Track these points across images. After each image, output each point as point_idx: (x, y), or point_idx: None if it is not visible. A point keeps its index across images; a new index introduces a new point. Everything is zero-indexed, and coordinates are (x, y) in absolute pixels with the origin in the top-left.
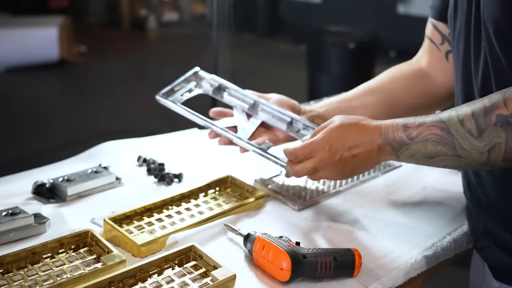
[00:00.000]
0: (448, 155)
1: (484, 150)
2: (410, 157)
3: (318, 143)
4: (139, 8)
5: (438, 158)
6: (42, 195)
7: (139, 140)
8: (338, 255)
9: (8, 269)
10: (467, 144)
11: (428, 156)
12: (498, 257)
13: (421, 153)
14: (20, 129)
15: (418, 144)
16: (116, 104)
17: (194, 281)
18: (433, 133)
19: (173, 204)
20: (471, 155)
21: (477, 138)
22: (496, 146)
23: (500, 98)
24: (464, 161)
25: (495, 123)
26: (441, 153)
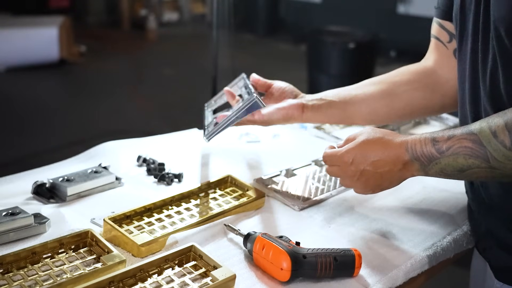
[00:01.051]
0: (481, 168)
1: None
2: (440, 172)
3: (342, 155)
4: (139, 8)
5: (470, 171)
6: (42, 195)
7: (139, 140)
8: (338, 255)
9: (8, 269)
10: (500, 155)
11: (460, 170)
12: (501, 258)
13: (452, 167)
14: (20, 129)
15: (448, 158)
16: (116, 104)
17: (194, 281)
18: (464, 145)
19: (173, 204)
20: (505, 166)
21: (510, 150)
22: None
23: None
24: (498, 172)
25: None
26: (474, 166)
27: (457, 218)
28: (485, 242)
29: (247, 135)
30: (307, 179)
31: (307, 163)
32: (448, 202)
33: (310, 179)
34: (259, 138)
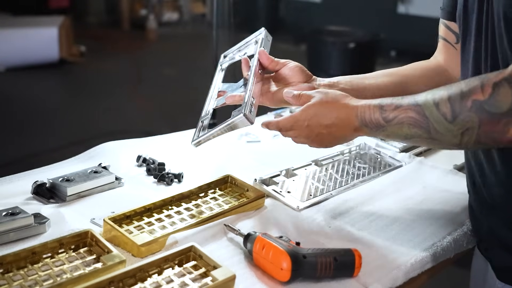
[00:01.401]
0: (422, 137)
1: (458, 133)
2: (386, 137)
3: (297, 119)
4: (139, 8)
5: (413, 139)
6: (42, 195)
7: (139, 140)
8: (338, 255)
9: (8, 269)
10: (441, 127)
11: (403, 137)
12: (502, 258)
13: (397, 134)
14: (20, 129)
15: (394, 126)
16: (116, 104)
17: (194, 281)
18: (409, 116)
19: (173, 204)
20: (444, 137)
21: (451, 122)
22: (468, 130)
23: (478, 84)
24: (437, 142)
25: (470, 108)
26: (416, 135)
27: (457, 218)
28: (487, 242)
29: (247, 135)
30: (307, 179)
31: (307, 163)
32: (449, 202)
33: (310, 179)
34: (259, 138)
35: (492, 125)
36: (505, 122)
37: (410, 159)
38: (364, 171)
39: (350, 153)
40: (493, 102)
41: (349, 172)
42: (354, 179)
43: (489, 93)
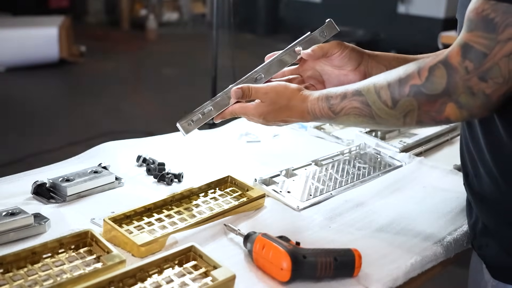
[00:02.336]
0: (369, 123)
1: (400, 116)
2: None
3: (252, 113)
4: (139, 8)
5: (361, 125)
6: (42, 195)
7: (139, 140)
8: (338, 255)
9: (8, 269)
10: (383, 113)
11: (353, 124)
12: (495, 255)
13: (346, 123)
14: (20, 129)
15: (342, 117)
16: (116, 104)
17: (194, 281)
18: (354, 106)
19: (173, 204)
20: (388, 121)
21: (392, 108)
22: (409, 112)
23: (415, 69)
24: (383, 125)
25: (408, 93)
26: (363, 122)
27: (457, 218)
28: (481, 239)
29: (247, 135)
30: (307, 179)
31: (307, 163)
32: (448, 202)
33: (310, 179)
34: (259, 138)
35: (430, 106)
36: (442, 102)
37: (410, 159)
38: (364, 171)
39: (350, 153)
40: (429, 85)
41: (349, 172)
42: (354, 179)
43: (425, 76)
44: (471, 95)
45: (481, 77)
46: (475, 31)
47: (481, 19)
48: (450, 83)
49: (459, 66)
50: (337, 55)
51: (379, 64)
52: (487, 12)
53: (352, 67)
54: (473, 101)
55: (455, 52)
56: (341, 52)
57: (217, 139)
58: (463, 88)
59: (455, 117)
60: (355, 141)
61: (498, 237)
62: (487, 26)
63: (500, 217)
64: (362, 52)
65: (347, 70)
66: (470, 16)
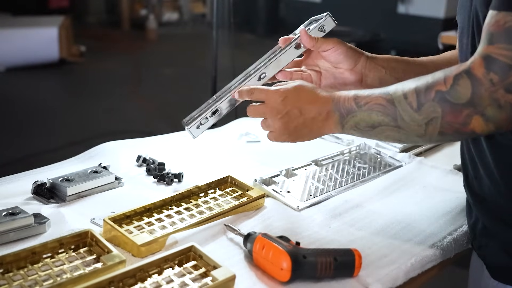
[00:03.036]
0: (389, 126)
1: (422, 123)
2: (354, 127)
3: (274, 92)
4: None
5: (380, 128)
6: (42, 195)
7: (139, 140)
8: (338, 255)
9: (8, 269)
10: (407, 116)
11: (371, 126)
12: (495, 255)
13: (366, 122)
14: (20, 129)
15: (364, 112)
16: (116, 104)
17: (194, 281)
18: (379, 103)
19: (173, 204)
20: (410, 127)
21: (416, 111)
22: (433, 120)
23: (442, 76)
24: (403, 132)
25: (433, 98)
26: (383, 123)
27: (457, 218)
28: (480, 239)
29: (247, 135)
30: (307, 179)
31: (307, 163)
32: (449, 202)
33: (310, 179)
34: (259, 138)
35: (454, 116)
36: (467, 114)
37: (410, 159)
38: (364, 171)
39: (350, 153)
40: (454, 93)
41: (349, 172)
42: (354, 179)
43: (451, 84)
44: (497, 108)
45: (507, 89)
46: (497, 43)
47: (504, 31)
48: (475, 94)
49: (483, 78)
50: (331, 51)
51: (377, 66)
52: (510, 24)
53: (348, 66)
54: (499, 113)
55: (477, 64)
56: (335, 49)
57: (217, 139)
58: (489, 100)
59: (481, 130)
60: (355, 141)
61: (497, 238)
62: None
63: (500, 218)
64: (360, 53)
65: (343, 68)
66: (490, 29)
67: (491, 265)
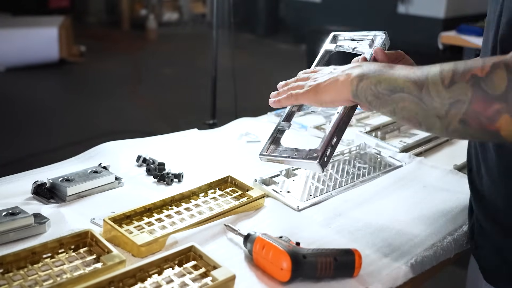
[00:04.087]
0: (411, 94)
1: (447, 102)
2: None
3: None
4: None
5: (399, 95)
6: (42, 195)
7: (139, 140)
8: (338, 255)
9: (8, 269)
10: (434, 89)
11: (392, 90)
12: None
13: (388, 83)
14: (20, 129)
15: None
16: (116, 104)
17: (194, 281)
18: (410, 69)
19: (173, 204)
20: (432, 102)
21: (445, 88)
22: (459, 102)
23: (480, 62)
24: (423, 107)
25: (467, 80)
26: (406, 90)
27: (457, 218)
28: (476, 240)
29: (247, 135)
30: (307, 179)
31: None
32: (448, 202)
33: (310, 179)
34: (259, 138)
35: (483, 106)
36: (497, 109)
37: (410, 159)
38: (364, 171)
39: (350, 153)
40: (488, 81)
41: (349, 172)
42: (354, 179)
43: (487, 72)
44: None
45: None
46: None
47: None
48: (510, 89)
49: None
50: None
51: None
52: None
53: None
54: None
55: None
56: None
57: (217, 139)
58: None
59: (507, 132)
60: (355, 141)
61: (491, 239)
62: None
63: (494, 219)
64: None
65: None
66: None
67: (483, 266)
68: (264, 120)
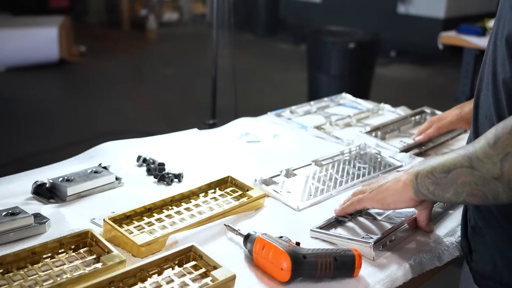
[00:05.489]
0: (463, 167)
1: (497, 159)
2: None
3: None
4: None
5: (455, 171)
6: (42, 195)
7: (139, 140)
8: (338, 255)
9: (8, 269)
10: (482, 153)
11: (446, 170)
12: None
13: (442, 165)
14: (20, 129)
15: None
16: (116, 104)
17: (194, 281)
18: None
19: (173, 204)
20: (484, 166)
21: (491, 147)
22: (508, 155)
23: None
24: (478, 175)
25: (510, 131)
26: (458, 165)
27: (457, 218)
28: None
29: (247, 135)
30: (307, 179)
31: (307, 163)
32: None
33: (310, 179)
34: (259, 138)
35: None
36: None
37: (410, 159)
38: (364, 171)
39: (350, 153)
40: None
41: (349, 172)
42: (354, 179)
43: None
44: None
45: None
46: None
47: None
48: None
49: None
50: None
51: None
52: None
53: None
54: None
55: None
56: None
57: (217, 139)
58: None
59: None
60: (355, 141)
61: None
62: None
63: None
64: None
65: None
66: None
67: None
68: (264, 120)
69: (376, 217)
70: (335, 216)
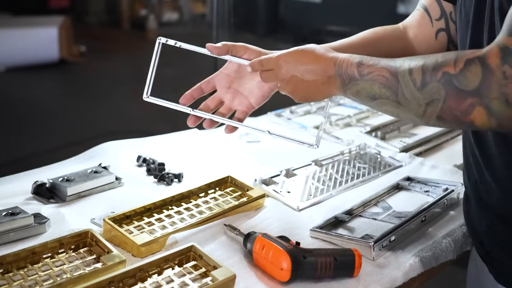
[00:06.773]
0: (389, 100)
1: (423, 103)
2: (356, 95)
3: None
4: (139, 8)
5: (380, 100)
6: (42, 195)
7: (139, 140)
8: (338, 255)
9: (8, 269)
10: (408, 93)
11: (372, 97)
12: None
13: (367, 92)
14: (20, 129)
15: (366, 82)
16: (116, 104)
17: (194, 281)
18: (382, 75)
19: (173, 204)
20: (409, 104)
21: (419, 90)
22: (434, 101)
23: (453, 57)
24: (402, 109)
25: (439, 79)
26: (384, 96)
27: (457, 218)
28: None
29: (247, 135)
30: (307, 179)
31: (307, 163)
32: None
33: (310, 179)
34: (259, 138)
35: (457, 102)
36: (470, 103)
37: (410, 159)
38: (364, 171)
39: (350, 153)
40: (462, 78)
41: (349, 172)
42: (354, 179)
43: (460, 68)
44: (505, 103)
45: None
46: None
47: None
48: (484, 84)
49: (496, 68)
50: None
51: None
52: None
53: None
54: (505, 109)
55: (493, 53)
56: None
57: (217, 139)
58: (497, 93)
59: (481, 123)
60: (355, 141)
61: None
62: None
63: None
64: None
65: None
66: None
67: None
68: (264, 120)
69: (376, 217)
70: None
